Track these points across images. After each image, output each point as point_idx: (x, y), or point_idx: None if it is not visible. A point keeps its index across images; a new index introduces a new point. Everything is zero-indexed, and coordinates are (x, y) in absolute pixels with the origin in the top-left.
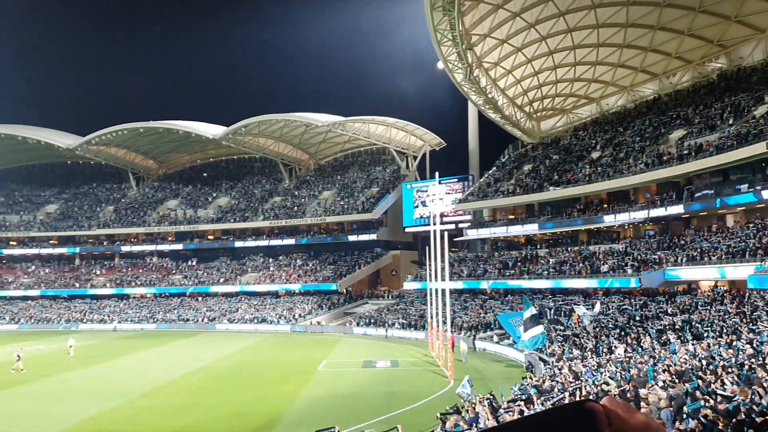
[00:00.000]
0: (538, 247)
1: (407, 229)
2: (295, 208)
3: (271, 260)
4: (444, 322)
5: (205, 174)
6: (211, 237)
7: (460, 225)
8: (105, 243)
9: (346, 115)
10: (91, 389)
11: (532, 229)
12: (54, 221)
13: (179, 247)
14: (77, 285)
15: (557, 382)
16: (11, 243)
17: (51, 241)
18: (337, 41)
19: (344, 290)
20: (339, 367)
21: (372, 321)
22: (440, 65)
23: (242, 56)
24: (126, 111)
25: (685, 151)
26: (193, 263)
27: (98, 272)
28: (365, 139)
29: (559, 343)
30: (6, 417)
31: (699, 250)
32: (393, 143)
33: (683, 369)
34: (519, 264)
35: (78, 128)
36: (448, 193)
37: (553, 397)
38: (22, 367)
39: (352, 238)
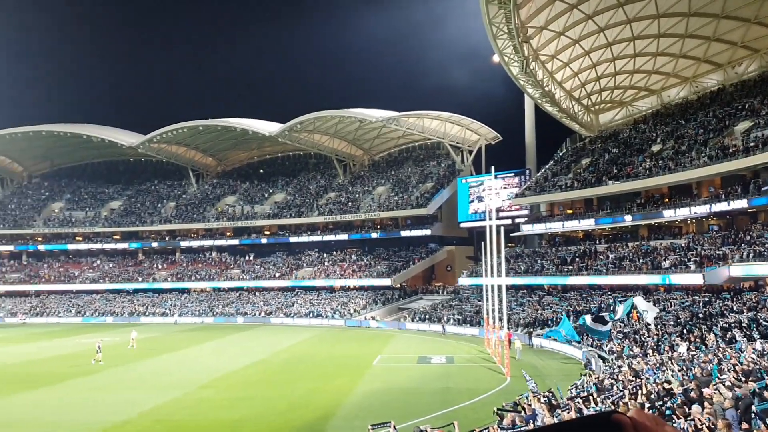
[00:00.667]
0: (597, 242)
1: (462, 225)
2: (350, 204)
3: (325, 255)
4: (500, 319)
5: (261, 170)
6: (267, 232)
7: (517, 220)
8: (166, 238)
9: (400, 111)
10: (153, 380)
11: (590, 224)
12: (118, 217)
13: (237, 242)
14: (140, 279)
15: (617, 380)
16: (77, 238)
17: (115, 237)
18: (390, 36)
19: (399, 285)
20: (394, 362)
21: (427, 317)
22: (495, 58)
23: (296, 54)
24: (186, 109)
25: (752, 143)
26: (251, 258)
27: (160, 267)
28: (420, 134)
29: (619, 341)
30: (72, 407)
31: (767, 245)
32: (448, 138)
33: (750, 368)
34: (577, 260)
35: (140, 126)
36: (504, 188)
37: (613, 395)
38: (100, 359)
39: (406, 233)
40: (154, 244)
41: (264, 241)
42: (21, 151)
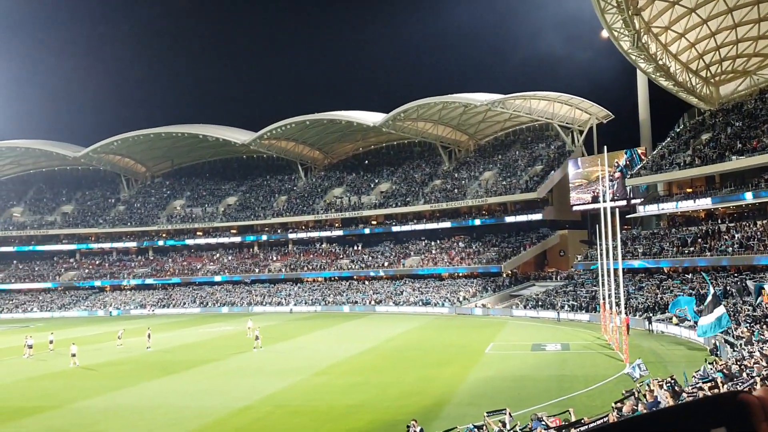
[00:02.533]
0: (720, 221)
1: (575, 208)
2: (456, 191)
3: (433, 243)
4: (617, 304)
5: (366, 161)
6: (374, 222)
7: (632, 201)
8: (279, 231)
9: (504, 93)
10: (271, 367)
11: (710, 202)
12: (234, 212)
13: (345, 232)
14: (256, 270)
15: (746, 366)
16: (198, 233)
17: (232, 231)
18: (492, 18)
19: (509, 272)
20: (507, 349)
21: (540, 303)
22: (604, 34)
23: (397, 43)
24: (292, 105)
25: None
26: (359, 248)
27: (274, 258)
28: (527, 116)
29: (748, 325)
30: (198, 392)
31: None
32: (556, 118)
33: None
34: (699, 240)
35: (251, 124)
36: (617, 170)
37: (742, 382)
38: (261, 345)
39: (515, 218)
40: (268, 237)
41: (371, 231)
42: (144, 152)
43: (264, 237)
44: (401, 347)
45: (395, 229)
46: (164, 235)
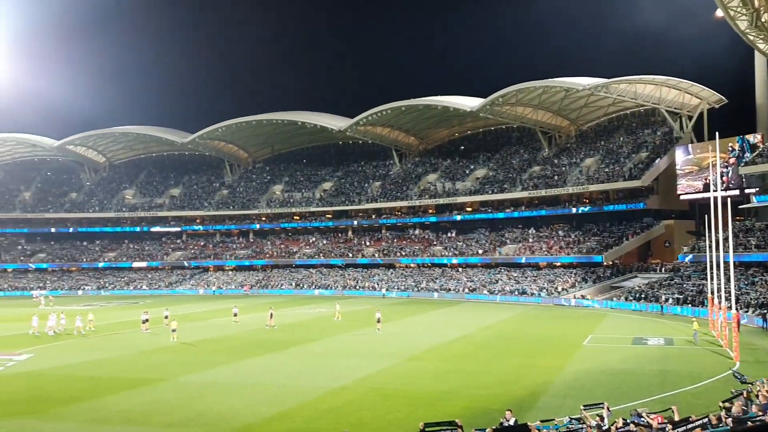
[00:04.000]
0: None
1: (682, 197)
2: (555, 178)
3: (530, 231)
4: (727, 299)
5: (462, 147)
6: (469, 209)
7: (747, 191)
8: (372, 216)
9: (608, 77)
10: (364, 350)
11: None
12: (329, 197)
13: (439, 219)
14: (350, 255)
15: None
16: (295, 218)
17: (327, 216)
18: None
19: (610, 263)
20: (606, 342)
21: (642, 296)
22: (719, 13)
23: (495, 26)
24: (387, 91)
25: None
26: (453, 235)
27: (367, 243)
28: (631, 101)
29: None
30: (296, 372)
31: None
32: (664, 103)
33: None
34: None
35: (346, 110)
36: (731, 156)
37: None
38: (379, 327)
39: (617, 207)
40: (362, 222)
41: (466, 217)
42: (246, 138)
43: (358, 222)
44: (496, 336)
45: (491, 216)
46: (264, 218)
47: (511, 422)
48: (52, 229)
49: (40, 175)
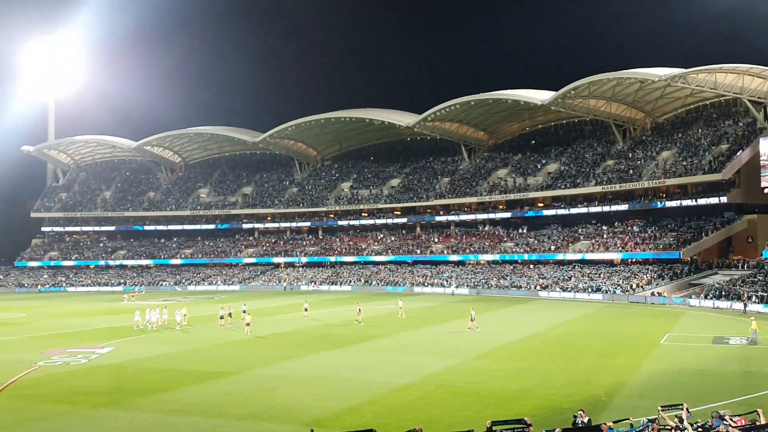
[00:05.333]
0: None
1: (767, 190)
2: (630, 171)
3: (604, 227)
4: None
5: (533, 141)
6: (540, 204)
7: None
8: (441, 213)
9: (685, 67)
10: (433, 347)
11: None
12: (397, 194)
13: (510, 215)
14: (419, 252)
15: None
16: (363, 214)
17: (395, 212)
18: None
19: (689, 259)
20: (685, 341)
21: (723, 293)
22: None
23: (562, 19)
24: (455, 86)
25: None
26: (524, 231)
27: (436, 240)
28: (711, 91)
29: None
30: (363, 366)
31: None
32: (746, 93)
33: None
34: None
35: (413, 106)
36: None
37: None
38: (477, 326)
39: (696, 201)
40: (430, 219)
41: (537, 213)
42: (315, 137)
43: (426, 218)
44: (568, 334)
45: (563, 211)
46: (332, 215)
47: (584, 421)
48: (131, 227)
49: (119, 174)
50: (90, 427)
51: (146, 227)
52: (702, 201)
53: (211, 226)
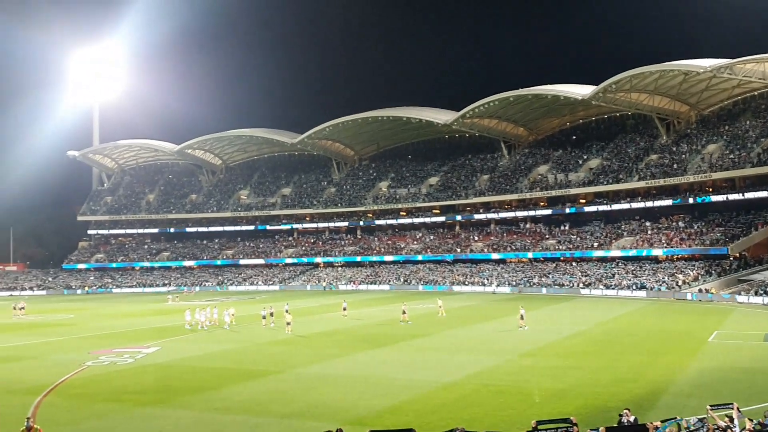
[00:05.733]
0: None
1: None
2: (674, 166)
3: (648, 223)
4: None
5: (574, 137)
6: (582, 201)
7: None
8: (480, 210)
9: (730, 57)
10: (475, 346)
11: None
12: (436, 192)
13: (551, 212)
14: (458, 250)
15: None
16: (401, 213)
17: (434, 211)
18: None
19: (737, 255)
20: (734, 339)
21: None
22: None
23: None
24: (492, 82)
25: None
26: (566, 228)
27: (476, 238)
28: (760, 81)
29: None
30: (406, 365)
31: None
32: None
33: None
34: None
35: (451, 104)
36: None
37: None
38: (525, 324)
39: (745, 195)
40: (470, 217)
41: (579, 210)
42: (352, 136)
43: (466, 217)
44: (613, 332)
45: (606, 207)
46: (370, 215)
47: (631, 420)
48: (174, 229)
49: (162, 178)
50: (138, 424)
51: (188, 229)
52: (750, 195)
53: (251, 227)
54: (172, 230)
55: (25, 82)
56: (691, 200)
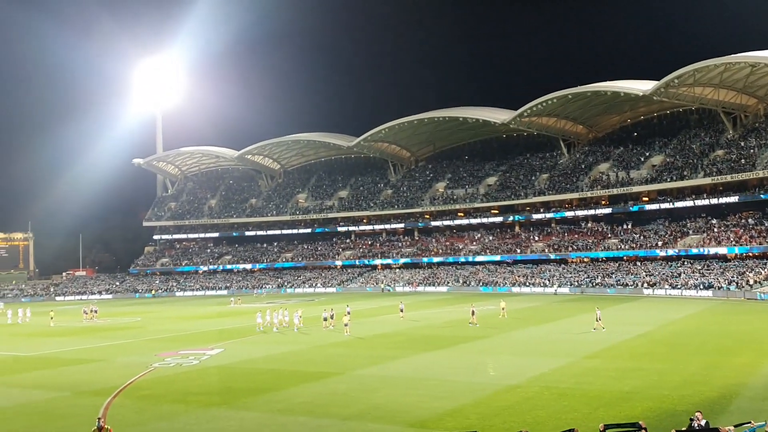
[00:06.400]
0: None
1: None
2: (743, 161)
3: (714, 220)
4: None
5: (635, 133)
6: (645, 198)
7: None
8: (540, 210)
9: None
10: (537, 348)
11: None
12: (494, 192)
13: (613, 210)
14: (518, 251)
15: None
16: (459, 214)
17: (492, 211)
18: None
19: None
20: None
21: None
22: None
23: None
24: (549, 80)
25: None
26: (628, 226)
27: (536, 238)
28: None
29: None
30: (466, 368)
31: None
32: None
33: None
34: None
35: (507, 103)
36: None
37: None
38: (602, 326)
39: None
40: (529, 216)
41: (642, 208)
42: (408, 138)
43: (525, 216)
44: (681, 333)
45: (670, 205)
46: (427, 216)
47: (702, 424)
48: (235, 233)
49: (223, 183)
50: (203, 426)
51: (248, 233)
52: None
53: (309, 230)
54: (233, 234)
55: (91, 94)
56: (761, 196)
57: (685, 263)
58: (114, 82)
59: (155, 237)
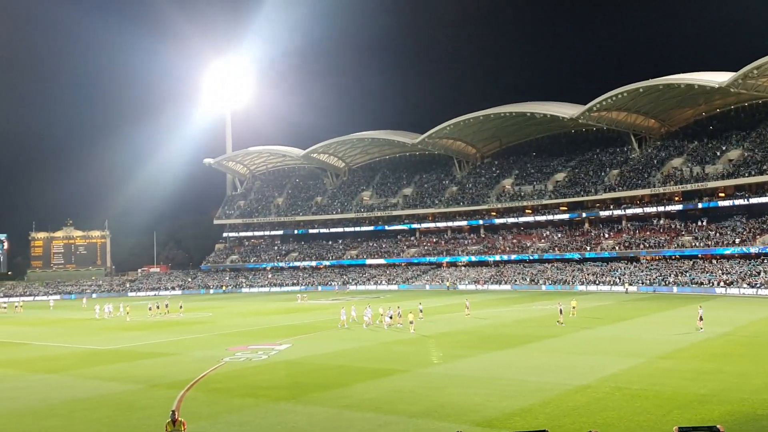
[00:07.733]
0: None
1: None
2: None
3: None
4: None
5: (711, 127)
6: (722, 194)
7: None
8: (611, 207)
9: None
10: (608, 347)
11: None
12: (562, 189)
13: (686, 206)
14: (588, 248)
15: None
16: (527, 211)
17: (561, 208)
18: None
19: None
20: None
21: None
22: None
23: None
24: (618, 73)
25: None
26: (703, 223)
27: (606, 235)
28: None
29: None
30: (536, 367)
31: None
32: None
33: None
34: None
35: (575, 97)
36: None
37: None
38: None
39: None
40: (599, 213)
41: (718, 204)
42: (473, 134)
43: (595, 213)
44: (762, 333)
45: (747, 201)
46: (494, 213)
47: None
48: (301, 231)
49: (290, 181)
50: (273, 420)
51: (313, 230)
52: None
53: (373, 228)
54: (298, 232)
55: (164, 96)
56: None
57: (765, 261)
58: (186, 84)
59: (225, 234)
